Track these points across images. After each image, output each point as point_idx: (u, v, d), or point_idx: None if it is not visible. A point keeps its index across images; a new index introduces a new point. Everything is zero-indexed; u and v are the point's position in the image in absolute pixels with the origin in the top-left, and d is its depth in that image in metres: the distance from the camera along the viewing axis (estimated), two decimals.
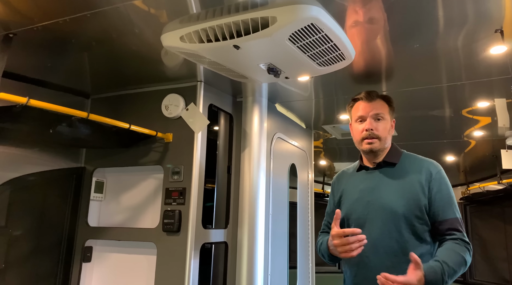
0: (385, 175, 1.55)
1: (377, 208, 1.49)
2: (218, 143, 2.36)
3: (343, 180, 1.69)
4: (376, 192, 1.52)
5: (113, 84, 2.26)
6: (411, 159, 1.58)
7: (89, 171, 2.26)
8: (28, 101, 1.40)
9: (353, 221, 1.56)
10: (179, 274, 1.87)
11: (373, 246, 1.46)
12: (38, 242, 2.01)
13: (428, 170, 1.49)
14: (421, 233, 1.45)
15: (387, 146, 1.58)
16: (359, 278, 1.51)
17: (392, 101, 1.62)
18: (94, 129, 1.80)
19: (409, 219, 1.43)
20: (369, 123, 1.55)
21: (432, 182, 1.47)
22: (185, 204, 1.97)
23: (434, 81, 2.19)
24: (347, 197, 1.62)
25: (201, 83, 2.10)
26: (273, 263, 2.33)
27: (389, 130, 1.57)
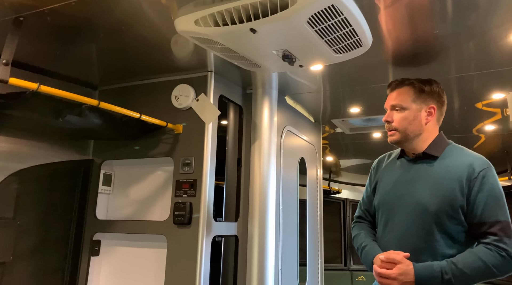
0: (423, 168, 1.43)
1: (409, 202, 1.40)
2: (227, 135, 2.32)
3: (382, 165, 1.61)
4: (411, 186, 1.43)
5: (121, 75, 2.22)
6: (456, 152, 1.43)
7: (97, 163, 2.22)
8: (38, 87, 1.36)
9: (384, 213, 1.50)
10: (190, 267, 1.83)
11: (399, 241, 1.40)
12: (46, 235, 1.97)
13: (472, 167, 1.34)
14: (455, 233, 1.35)
15: (414, 136, 1.43)
16: None
17: (424, 85, 1.46)
18: (104, 119, 1.76)
19: (441, 218, 1.34)
20: (386, 115, 1.48)
21: (474, 181, 1.33)
22: (196, 196, 1.93)
23: (447, 71, 2.14)
24: (382, 186, 1.55)
25: (212, 73, 2.06)
26: (284, 258, 2.29)
27: (412, 120, 1.42)
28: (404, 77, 1.50)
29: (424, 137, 1.44)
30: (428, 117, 1.44)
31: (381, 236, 1.50)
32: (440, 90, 1.48)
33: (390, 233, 1.44)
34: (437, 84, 1.49)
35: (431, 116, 1.45)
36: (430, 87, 1.46)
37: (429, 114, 1.44)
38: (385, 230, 1.47)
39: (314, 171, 3.00)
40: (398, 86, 1.47)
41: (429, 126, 1.44)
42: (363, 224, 1.64)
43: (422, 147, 1.44)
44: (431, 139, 1.45)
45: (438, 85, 1.49)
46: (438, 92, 1.47)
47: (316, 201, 2.98)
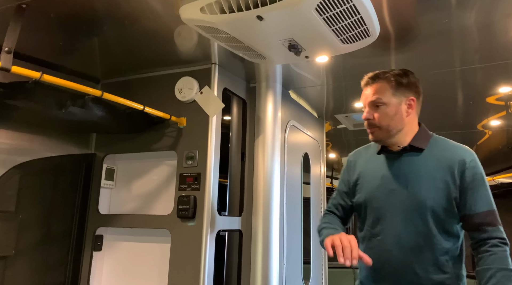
0: (411, 161, 1.39)
1: (402, 198, 1.36)
2: (231, 129, 2.30)
3: (361, 161, 1.54)
4: (402, 180, 1.38)
5: (124, 68, 2.20)
6: (442, 144, 1.42)
7: (99, 158, 2.20)
8: (41, 76, 1.34)
9: (373, 210, 1.43)
10: (194, 261, 1.80)
11: (396, 240, 1.35)
12: (48, 229, 1.95)
13: (462, 158, 1.33)
14: (449, 227, 1.34)
15: (397, 131, 1.39)
16: (380, 274, 1.39)
17: (401, 78, 1.40)
18: (107, 111, 1.74)
19: (437, 212, 1.31)
20: (366, 112, 1.42)
21: (466, 171, 1.31)
22: (200, 189, 1.90)
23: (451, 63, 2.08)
24: (366, 182, 1.47)
25: (216, 65, 2.03)
26: (288, 254, 2.26)
27: (393, 115, 1.37)
28: (378, 71, 1.44)
29: (406, 131, 1.41)
30: (408, 110, 1.40)
31: (370, 235, 1.42)
32: (416, 80, 1.44)
33: (384, 231, 1.38)
34: (412, 75, 1.44)
35: (411, 108, 1.41)
36: (407, 79, 1.41)
37: (409, 106, 1.40)
38: (375, 228, 1.41)
39: (317, 168, 2.97)
40: (375, 81, 1.41)
41: (410, 119, 1.41)
42: (332, 216, 1.57)
43: (405, 140, 1.41)
44: (414, 131, 1.42)
45: (414, 75, 1.45)
46: (415, 83, 1.43)
47: (319, 198, 2.95)
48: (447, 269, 1.32)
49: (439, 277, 1.32)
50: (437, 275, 1.31)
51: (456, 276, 1.35)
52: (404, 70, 1.44)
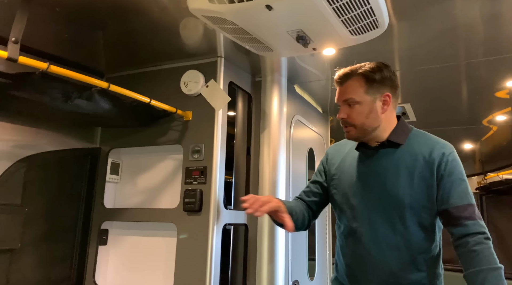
0: (389, 157, 1.35)
1: (380, 195, 1.33)
2: (236, 123, 2.29)
3: (339, 155, 1.50)
4: (379, 177, 1.34)
5: (129, 62, 2.18)
6: (420, 138, 1.38)
7: (104, 152, 2.19)
8: (48, 67, 1.33)
9: (349, 207, 1.40)
10: (201, 255, 1.80)
11: (373, 238, 1.32)
12: (53, 223, 1.94)
13: (440, 152, 1.31)
14: (428, 224, 1.31)
15: (372, 129, 1.35)
16: (356, 272, 1.37)
17: (374, 74, 1.34)
18: (113, 104, 1.73)
19: (416, 210, 1.29)
20: (340, 112, 1.38)
21: (443, 165, 1.29)
22: (206, 183, 1.89)
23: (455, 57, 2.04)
24: (343, 178, 1.44)
25: (221, 59, 2.02)
26: (294, 249, 2.25)
27: (368, 114, 1.33)
28: (351, 67, 1.40)
29: (383, 127, 1.37)
30: (384, 107, 1.36)
31: (347, 232, 1.41)
32: (391, 74, 1.38)
33: (360, 229, 1.35)
34: (386, 68, 1.38)
35: (387, 105, 1.36)
36: (380, 74, 1.35)
37: (385, 103, 1.35)
38: (351, 225, 1.38)
39: None
40: (347, 79, 1.37)
41: (387, 115, 1.37)
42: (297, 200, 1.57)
43: (383, 136, 1.37)
44: (392, 127, 1.38)
45: (388, 68, 1.39)
46: (390, 77, 1.37)
47: None
48: (424, 268, 1.30)
49: (416, 276, 1.30)
50: (414, 274, 1.30)
51: (433, 275, 1.33)
52: (378, 64, 1.38)
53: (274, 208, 1.37)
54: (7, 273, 1.69)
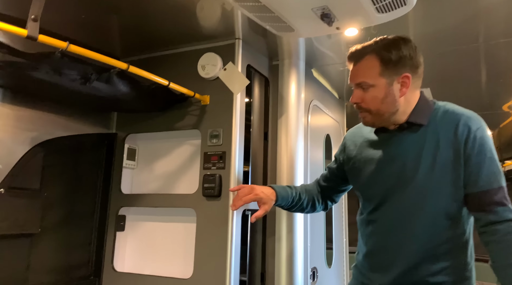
0: (409, 140, 1.24)
1: (400, 182, 1.22)
2: (253, 107, 2.24)
3: (357, 141, 1.40)
4: (399, 162, 1.23)
5: (144, 46, 2.14)
6: (443, 114, 1.23)
7: (121, 137, 2.16)
8: (68, 46, 1.29)
9: (369, 196, 1.32)
10: (221, 240, 1.77)
11: (393, 227, 1.24)
12: (72, 209, 1.93)
13: (466, 127, 1.17)
14: (455, 211, 1.20)
15: (390, 114, 1.22)
16: (376, 262, 1.31)
17: (389, 52, 1.18)
18: (131, 87, 1.70)
19: (441, 197, 1.18)
20: (354, 96, 1.25)
21: (470, 143, 1.16)
22: (225, 168, 1.86)
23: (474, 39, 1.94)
24: (361, 166, 1.35)
25: (239, 41, 1.97)
26: (312, 236, 2.22)
27: (383, 98, 1.20)
28: (364, 44, 1.25)
29: (402, 111, 1.23)
30: (403, 89, 1.21)
31: (367, 220, 1.34)
32: (411, 51, 1.22)
33: (381, 218, 1.29)
34: (405, 44, 1.22)
35: (406, 87, 1.21)
36: (397, 52, 1.19)
37: (403, 85, 1.21)
38: (372, 214, 1.32)
39: None
40: (359, 58, 1.23)
41: (406, 98, 1.23)
42: (312, 185, 1.61)
43: (402, 119, 1.25)
44: (412, 106, 1.25)
45: (407, 44, 1.22)
46: (410, 54, 1.21)
47: None
48: (448, 258, 1.21)
49: (438, 267, 1.20)
50: (437, 264, 1.20)
51: (460, 264, 1.22)
52: (395, 40, 1.23)
53: (251, 200, 1.43)
54: (28, 258, 1.68)
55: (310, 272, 2.17)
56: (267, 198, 1.46)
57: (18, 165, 1.63)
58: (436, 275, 1.20)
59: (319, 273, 2.30)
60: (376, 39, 1.25)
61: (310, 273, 2.17)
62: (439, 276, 1.20)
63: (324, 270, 2.40)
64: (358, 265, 1.42)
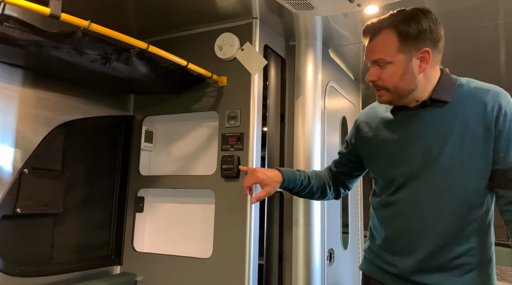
0: (433, 118, 1.17)
1: (425, 163, 1.17)
2: (269, 89, 2.22)
3: (372, 122, 1.33)
4: (422, 142, 1.18)
5: (160, 27, 2.12)
6: (468, 89, 1.18)
7: (138, 120, 2.17)
8: (89, 25, 1.29)
9: (388, 180, 1.26)
10: (240, 221, 1.78)
11: (416, 210, 1.19)
12: (92, 190, 1.96)
13: (496, 103, 1.13)
14: (483, 189, 1.16)
15: (409, 92, 1.17)
16: (394, 245, 1.27)
17: (408, 26, 1.11)
18: (150, 68, 1.69)
19: (470, 176, 1.13)
20: (370, 73, 1.18)
21: (501, 118, 1.12)
22: (243, 149, 1.86)
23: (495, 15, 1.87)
24: (378, 149, 1.29)
25: (257, 20, 1.94)
26: (328, 217, 2.23)
27: (402, 75, 1.14)
28: (381, 18, 1.17)
29: (422, 87, 1.18)
30: (422, 65, 1.15)
31: (385, 202, 1.29)
32: (431, 23, 1.14)
33: (401, 200, 1.24)
34: (425, 16, 1.14)
35: (426, 62, 1.14)
36: (417, 26, 1.12)
37: (423, 60, 1.14)
38: (391, 196, 1.27)
39: None
40: (376, 34, 1.16)
41: (426, 74, 1.17)
42: (325, 171, 1.58)
43: (423, 96, 1.19)
44: (433, 83, 1.19)
45: (427, 16, 1.15)
46: (429, 27, 1.13)
47: None
48: (474, 239, 1.17)
49: (464, 248, 1.17)
50: (463, 246, 1.17)
51: (484, 244, 1.19)
52: (414, 12, 1.15)
53: (252, 183, 1.46)
54: (52, 237, 1.72)
55: (327, 253, 2.18)
56: (269, 180, 1.44)
57: (40, 146, 1.65)
58: (460, 257, 1.17)
59: (336, 254, 2.31)
60: (393, 12, 1.19)
61: (327, 254, 2.18)
62: (463, 258, 1.17)
63: (340, 251, 2.41)
64: (373, 248, 1.37)
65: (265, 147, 2.20)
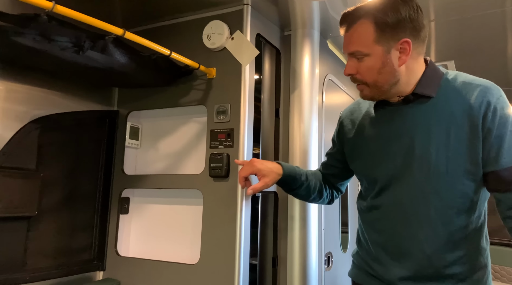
0: (417, 114, 1.10)
1: (408, 163, 1.10)
2: (263, 82, 2.08)
3: (355, 119, 1.28)
4: (405, 140, 1.11)
5: (145, 15, 1.98)
6: (456, 84, 1.10)
7: (123, 115, 2.03)
8: (53, 7, 1.14)
9: (371, 180, 1.19)
10: (229, 224, 1.65)
11: (401, 213, 1.11)
12: (72, 190, 1.82)
13: (485, 99, 1.04)
14: (472, 192, 1.07)
15: (390, 85, 1.10)
16: (380, 251, 1.19)
17: (386, 15, 1.03)
18: (130, 57, 1.55)
19: (457, 177, 1.06)
20: (347, 67, 1.12)
21: (490, 115, 1.03)
22: (233, 146, 1.72)
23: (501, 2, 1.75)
24: (361, 147, 1.23)
25: (248, 7, 1.79)
26: (326, 219, 2.09)
27: (380, 68, 1.07)
28: (357, 6, 1.09)
29: (405, 81, 1.11)
30: (402, 57, 1.07)
31: (370, 206, 1.22)
32: (411, 11, 1.05)
33: (386, 203, 1.17)
34: (404, 3, 1.05)
35: (406, 54, 1.06)
36: (395, 15, 1.04)
37: (403, 51, 1.07)
38: (375, 198, 1.19)
39: None
40: (352, 23, 1.08)
41: (408, 66, 1.09)
42: (316, 171, 1.50)
43: (406, 90, 1.12)
44: (418, 76, 1.11)
45: (406, 3, 1.05)
46: (409, 16, 1.05)
47: None
48: (464, 245, 1.08)
49: (455, 255, 1.08)
50: (453, 252, 1.08)
51: (476, 250, 1.11)
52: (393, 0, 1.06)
53: (249, 173, 1.41)
54: (25, 241, 1.58)
55: (325, 257, 2.04)
56: (268, 170, 1.35)
57: (10, 142, 1.51)
58: (452, 266, 1.09)
59: (334, 258, 2.17)
60: (370, 0, 1.09)
61: (325, 258, 2.04)
62: (455, 267, 1.09)
63: (339, 255, 2.27)
64: (361, 254, 1.30)
65: (259, 144, 2.07)
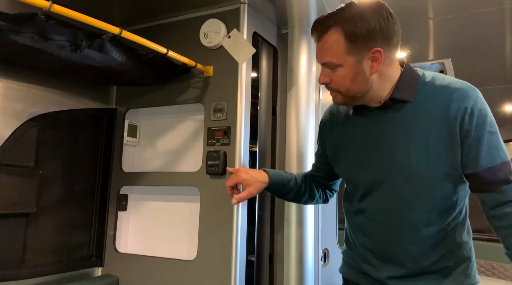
0: (395, 118, 1.10)
1: (389, 168, 1.11)
2: (260, 80, 2.10)
3: (336, 122, 1.28)
4: (385, 145, 1.11)
5: (142, 14, 1.99)
6: (433, 87, 1.09)
7: (121, 113, 2.04)
8: (51, 6, 1.15)
9: (354, 184, 1.21)
10: (226, 220, 1.66)
11: (386, 218, 1.13)
12: (70, 187, 1.83)
13: (462, 103, 1.04)
14: (451, 193, 1.09)
15: (363, 93, 1.10)
16: (367, 254, 1.22)
17: (355, 26, 1.02)
18: (128, 56, 1.56)
19: (437, 180, 1.07)
20: (321, 76, 1.12)
21: (467, 118, 1.03)
22: (230, 144, 1.73)
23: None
24: (342, 150, 1.24)
25: (245, 5, 1.81)
26: (323, 215, 2.10)
27: (353, 78, 1.07)
28: (328, 15, 1.08)
29: (379, 87, 1.10)
30: (374, 65, 1.06)
31: (355, 209, 1.24)
32: (381, 20, 1.04)
33: (370, 207, 1.18)
34: (373, 13, 1.04)
35: (378, 62, 1.06)
36: (364, 25, 1.03)
37: (375, 60, 1.06)
38: (360, 202, 1.21)
39: None
40: (323, 33, 1.08)
41: (382, 73, 1.09)
42: (305, 174, 1.50)
43: (382, 95, 1.11)
44: (393, 81, 1.11)
45: (375, 12, 1.04)
46: (380, 25, 1.04)
47: None
48: (449, 242, 1.12)
49: (439, 252, 1.11)
50: (436, 251, 1.11)
51: (459, 245, 1.13)
52: (362, 8, 1.05)
53: (234, 183, 1.40)
54: (24, 238, 1.60)
55: (321, 254, 2.06)
56: (252, 180, 1.35)
57: (9, 140, 1.53)
58: (437, 263, 1.13)
59: (331, 254, 2.19)
60: (342, 6, 1.09)
61: (321, 254, 2.06)
62: (439, 262, 1.13)
63: (336, 251, 2.29)
64: (349, 252, 1.34)
65: (256, 141, 2.08)
